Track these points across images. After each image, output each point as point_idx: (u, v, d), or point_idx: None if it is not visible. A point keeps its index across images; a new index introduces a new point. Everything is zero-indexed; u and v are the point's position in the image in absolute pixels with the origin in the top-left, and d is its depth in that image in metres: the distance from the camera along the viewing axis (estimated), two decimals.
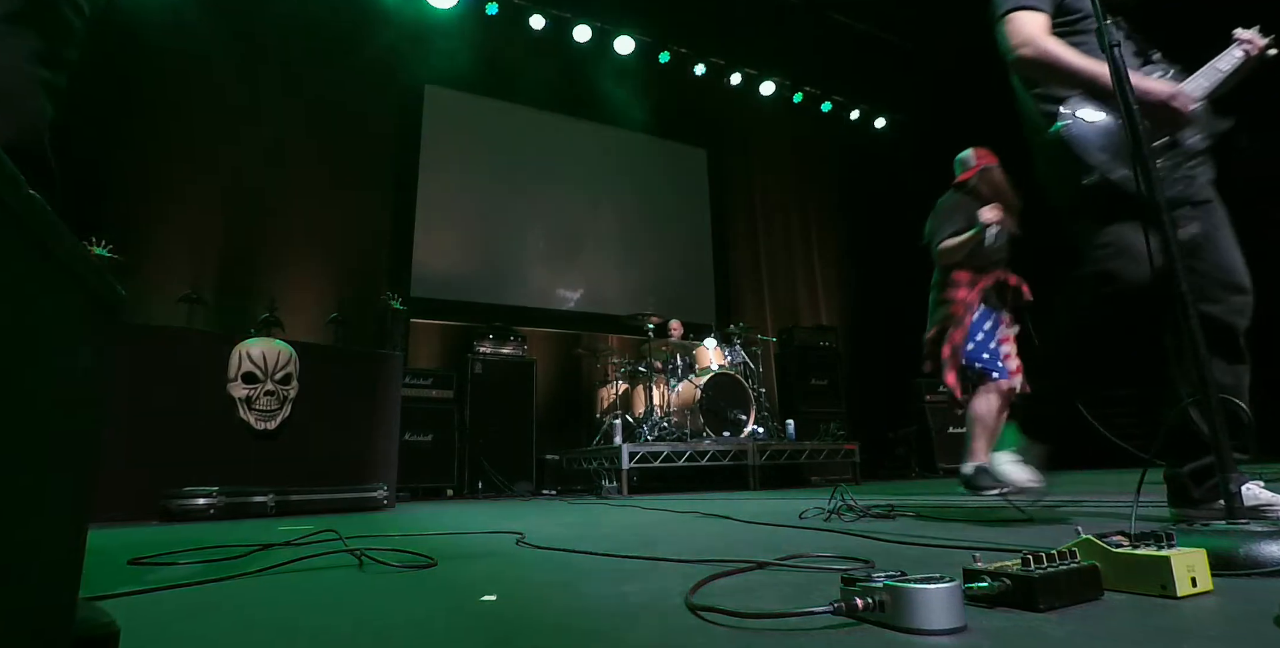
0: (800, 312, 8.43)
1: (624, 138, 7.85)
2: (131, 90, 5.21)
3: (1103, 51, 1.31)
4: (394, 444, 4.06)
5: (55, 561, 0.50)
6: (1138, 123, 1.25)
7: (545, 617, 0.90)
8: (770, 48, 7.96)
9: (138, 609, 1.02)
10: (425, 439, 5.34)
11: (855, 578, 0.78)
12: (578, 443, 6.09)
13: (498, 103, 7.17)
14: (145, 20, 5.26)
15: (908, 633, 0.71)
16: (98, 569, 1.43)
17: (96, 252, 3.42)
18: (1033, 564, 0.81)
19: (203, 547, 1.76)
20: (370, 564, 1.43)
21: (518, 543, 1.79)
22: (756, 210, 8.60)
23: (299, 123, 5.87)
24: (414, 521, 2.89)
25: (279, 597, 1.12)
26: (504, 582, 1.20)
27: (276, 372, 3.60)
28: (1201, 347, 1.14)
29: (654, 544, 1.67)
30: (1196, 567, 0.84)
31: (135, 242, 4.81)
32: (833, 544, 1.51)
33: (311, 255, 5.76)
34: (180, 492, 3.09)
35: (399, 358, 4.29)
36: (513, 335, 6.04)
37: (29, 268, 0.43)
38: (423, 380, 5.53)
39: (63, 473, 0.51)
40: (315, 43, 6.04)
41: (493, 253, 6.85)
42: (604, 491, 4.80)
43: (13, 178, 0.40)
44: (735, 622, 0.80)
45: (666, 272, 7.66)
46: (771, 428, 5.94)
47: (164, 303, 4.16)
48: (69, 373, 0.51)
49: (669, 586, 1.05)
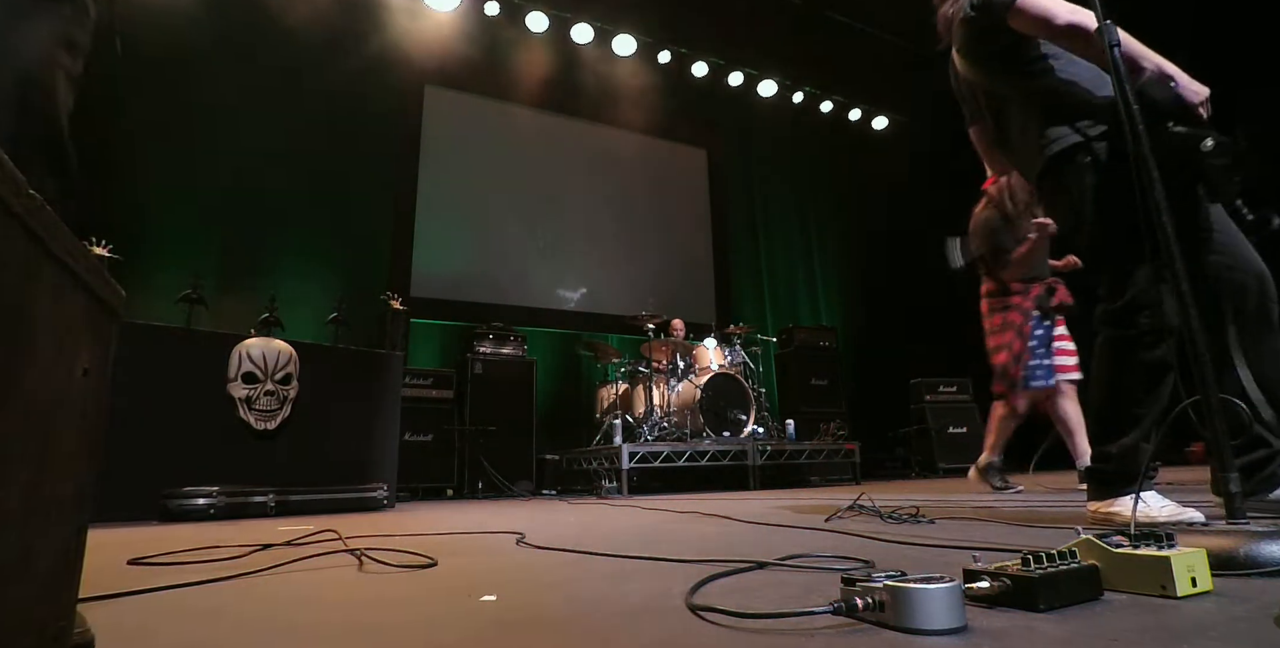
0: (800, 312, 8.44)
1: (624, 138, 7.85)
2: (132, 90, 5.20)
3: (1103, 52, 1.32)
4: (394, 444, 4.06)
5: (55, 561, 0.50)
6: (1138, 123, 1.25)
7: (545, 617, 0.90)
8: (770, 48, 7.97)
9: (138, 609, 1.03)
10: (425, 439, 5.34)
11: (855, 578, 0.78)
12: (578, 443, 6.09)
13: (498, 103, 7.17)
14: (145, 20, 5.26)
15: (908, 633, 0.71)
16: (98, 569, 1.43)
17: (96, 252, 3.42)
18: (1033, 564, 0.81)
19: (203, 547, 1.76)
20: (370, 564, 1.43)
21: (518, 543, 1.79)
22: (756, 210, 8.60)
23: (299, 123, 5.87)
24: (414, 521, 2.89)
25: (279, 597, 1.12)
26: (504, 582, 1.20)
27: (276, 372, 3.60)
28: (1202, 347, 1.14)
29: (654, 544, 1.67)
30: (1196, 567, 0.84)
31: (135, 242, 4.81)
32: (833, 544, 1.51)
33: (311, 255, 5.76)
34: (180, 492, 3.09)
35: (399, 358, 4.28)
36: (513, 335, 6.04)
37: (29, 268, 0.43)
38: (423, 380, 5.54)
39: (63, 473, 0.51)
40: (315, 43, 6.03)
41: (493, 253, 6.85)
42: (604, 491, 4.80)
43: (14, 178, 0.40)
44: (735, 622, 0.80)
45: (666, 272, 7.66)
46: (771, 428, 5.94)
47: (164, 303, 4.15)
48: (70, 373, 0.51)
49: (669, 586, 1.05)
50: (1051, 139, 1.72)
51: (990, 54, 1.85)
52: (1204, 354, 1.13)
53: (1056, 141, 1.71)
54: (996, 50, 1.82)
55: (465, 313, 6.37)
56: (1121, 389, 1.66)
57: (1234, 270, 1.60)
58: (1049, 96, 1.75)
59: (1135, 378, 1.62)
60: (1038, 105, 1.77)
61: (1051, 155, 1.72)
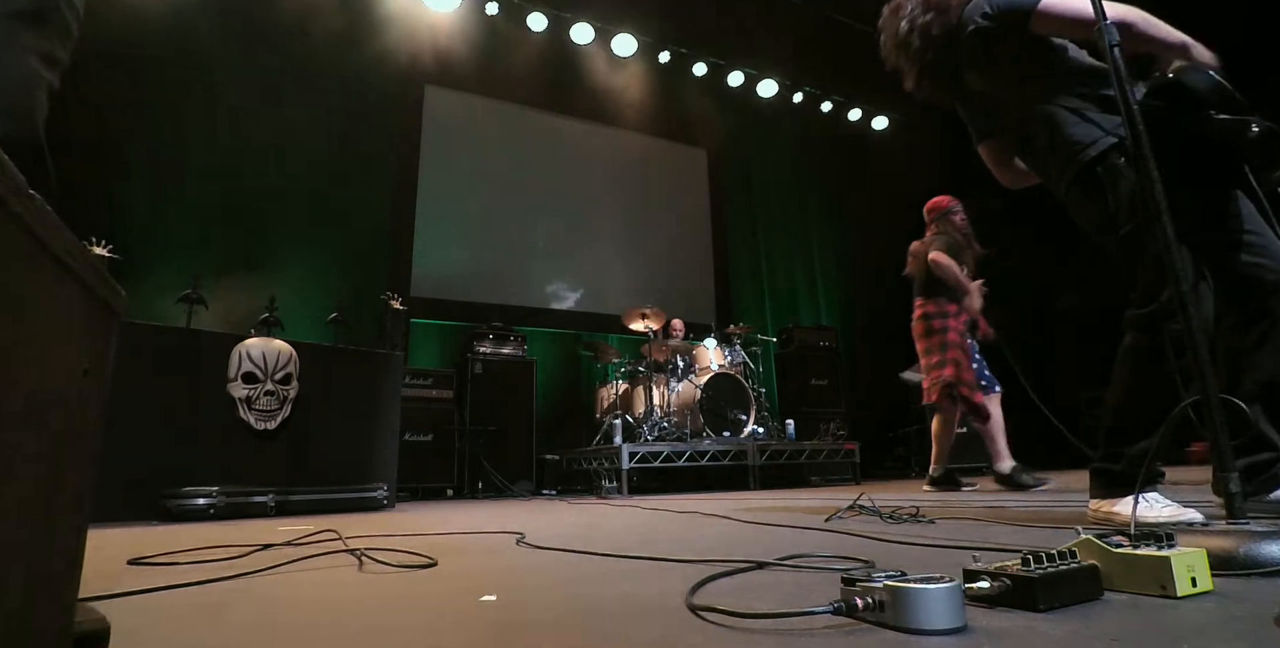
0: (800, 312, 8.43)
1: (624, 138, 7.85)
2: (132, 90, 5.21)
3: (1103, 52, 1.31)
4: (394, 444, 4.06)
5: (55, 561, 0.50)
6: (1138, 123, 1.24)
7: (545, 617, 0.90)
8: (770, 48, 7.96)
9: (138, 609, 1.02)
10: (425, 439, 5.34)
11: (855, 578, 0.78)
12: (578, 443, 6.09)
13: (498, 103, 7.17)
14: (145, 20, 5.26)
15: (908, 633, 0.71)
16: (98, 569, 1.43)
17: (96, 251, 3.41)
18: (1033, 564, 0.81)
19: (203, 547, 1.76)
20: (370, 564, 1.43)
21: (518, 543, 1.79)
22: (756, 210, 8.60)
23: (299, 123, 5.87)
24: (414, 521, 2.89)
25: (279, 597, 1.12)
26: (504, 582, 1.20)
27: (276, 372, 3.60)
28: (1203, 348, 1.14)
29: (654, 544, 1.67)
30: (1196, 567, 0.84)
31: (135, 242, 4.81)
32: (833, 544, 1.51)
33: (311, 255, 5.76)
34: (180, 492, 3.09)
35: (399, 358, 4.28)
36: (513, 335, 6.04)
37: (29, 268, 0.43)
38: (423, 380, 5.54)
39: (63, 473, 0.51)
40: (315, 43, 6.04)
41: (493, 253, 6.85)
42: (604, 491, 4.80)
43: (14, 178, 0.40)
44: (735, 622, 0.79)
45: (666, 272, 7.66)
46: (771, 428, 5.94)
47: (164, 303, 4.15)
48: (70, 373, 0.51)
49: (669, 586, 1.05)
50: (1086, 143, 1.70)
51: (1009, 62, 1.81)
52: (1204, 354, 1.13)
53: (1092, 145, 1.69)
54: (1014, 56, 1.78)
55: (465, 313, 6.37)
56: (1143, 394, 1.64)
57: (1266, 270, 1.58)
58: (1075, 99, 1.73)
59: (1158, 384, 1.60)
60: (1065, 109, 1.75)
61: (1087, 160, 1.69)
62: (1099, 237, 1.75)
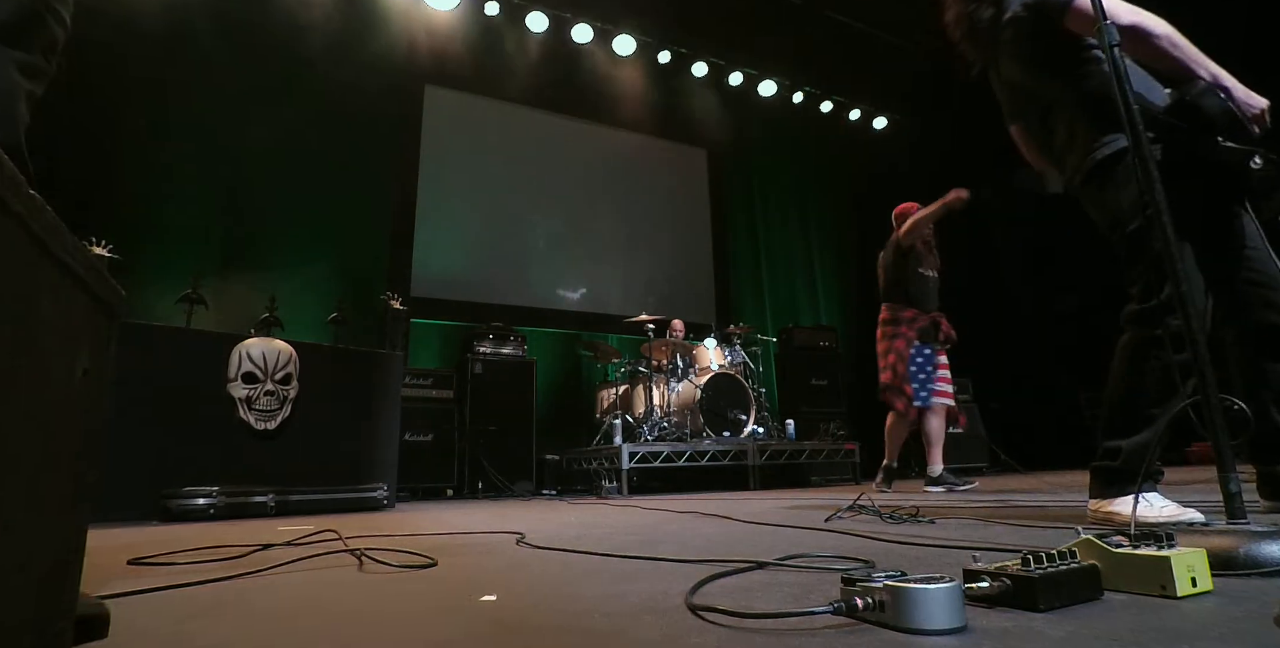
0: (800, 312, 8.43)
1: (624, 138, 7.84)
2: (131, 89, 5.21)
3: (1104, 52, 1.32)
4: (394, 444, 4.06)
5: (55, 561, 0.50)
6: (1138, 123, 1.25)
7: (545, 617, 0.90)
8: (770, 48, 7.96)
9: (138, 609, 1.02)
10: (425, 439, 5.34)
11: (855, 578, 0.78)
12: (578, 443, 6.09)
13: (498, 103, 7.16)
14: (145, 19, 5.26)
15: (908, 633, 0.71)
16: (98, 569, 1.43)
17: (96, 251, 3.41)
18: (1033, 564, 0.81)
19: (203, 547, 1.76)
20: (370, 564, 1.43)
21: (518, 543, 1.79)
22: (756, 210, 8.59)
23: (299, 123, 5.86)
24: (414, 521, 2.89)
25: (279, 597, 1.12)
26: (504, 582, 1.20)
27: (276, 372, 3.60)
28: (1202, 348, 1.14)
29: (654, 544, 1.67)
30: (1196, 567, 0.84)
31: (135, 242, 4.80)
32: (833, 544, 1.51)
33: (311, 255, 5.75)
34: (180, 492, 3.09)
35: (399, 358, 4.28)
36: (513, 335, 6.04)
37: (29, 268, 0.43)
38: (423, 380, 5.53)
39: (63, 473, 0.51)
40: (315, 43, 6.03)
41: (493, 253, 6.85)
42: (604, 491, 4.80)
43: (14, 178, 0.40)
44: (735, 622, 0.80)
45: (667, 272, 7.66)
46: (771, 428, 5.94)
47: (164, 303, 4.15)
48: (70, 373, 0.51)
49: (669, 586, 1.05)
50: (1103, 143, 1.73)
51: (1038, 55, 1.84)
52: (1204, 355, 1.13)
53: (1107, 145, 1.72)
54: (1044, 51, 1.81)
55: (465, 313, 6.37)
56: (1139, 388, 1.67)
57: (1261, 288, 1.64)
58: (1099, 100, 1.74)
59: (1155, 378, 1.63)
60: (1087, 108, 1.77)
61: (1101, 159, 1.73)
62: (1108, 233, 1.78)
